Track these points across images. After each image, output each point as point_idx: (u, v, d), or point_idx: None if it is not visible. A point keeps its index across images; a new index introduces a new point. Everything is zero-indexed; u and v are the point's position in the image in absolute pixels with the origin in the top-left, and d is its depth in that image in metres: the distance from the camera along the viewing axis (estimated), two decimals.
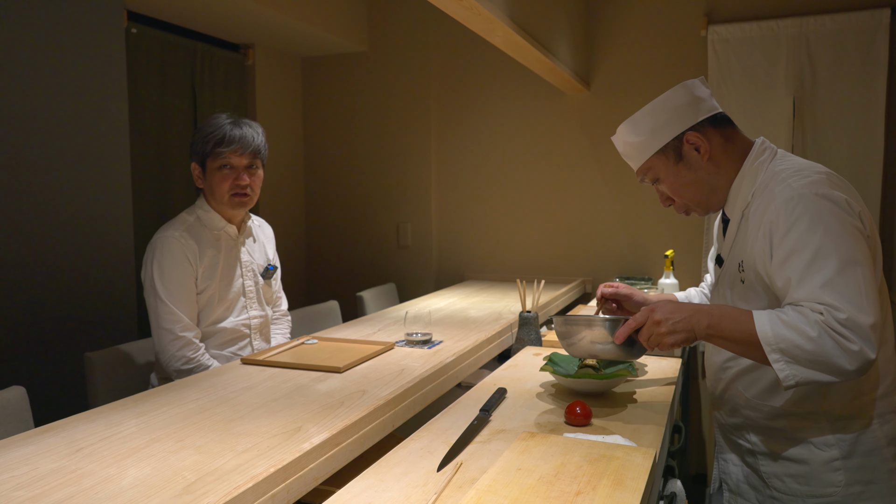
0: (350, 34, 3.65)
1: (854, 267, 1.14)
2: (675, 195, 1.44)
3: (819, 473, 1.29)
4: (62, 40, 2.23)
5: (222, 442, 1.21)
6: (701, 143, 1.36)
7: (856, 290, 1.13)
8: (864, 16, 2.87)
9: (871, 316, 1.11)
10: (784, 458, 1.33)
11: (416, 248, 3.81)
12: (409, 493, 1.06)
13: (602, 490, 1.01)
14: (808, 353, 1.13)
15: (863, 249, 1.17)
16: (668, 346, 1.28)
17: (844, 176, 3.16)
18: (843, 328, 1.11)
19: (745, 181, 1.35)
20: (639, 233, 3.40)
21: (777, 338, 1.15)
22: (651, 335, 1.29)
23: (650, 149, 1.40)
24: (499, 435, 1.31)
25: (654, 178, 1.44)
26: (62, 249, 2.26)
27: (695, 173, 1.38)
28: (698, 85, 1.39)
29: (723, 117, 1.39)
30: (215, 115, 2.00)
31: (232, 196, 1.98)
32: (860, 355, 1.11)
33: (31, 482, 1.05)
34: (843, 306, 1.12)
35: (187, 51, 3.16)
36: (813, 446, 1.30)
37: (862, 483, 1.27)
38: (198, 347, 1.93)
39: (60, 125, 2.24)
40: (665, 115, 1.37)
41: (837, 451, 1.28)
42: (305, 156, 4.04)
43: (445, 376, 1.77)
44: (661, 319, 1.27)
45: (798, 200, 1.21)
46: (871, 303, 1.12)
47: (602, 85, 3.42)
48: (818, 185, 1.22)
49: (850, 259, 1.15)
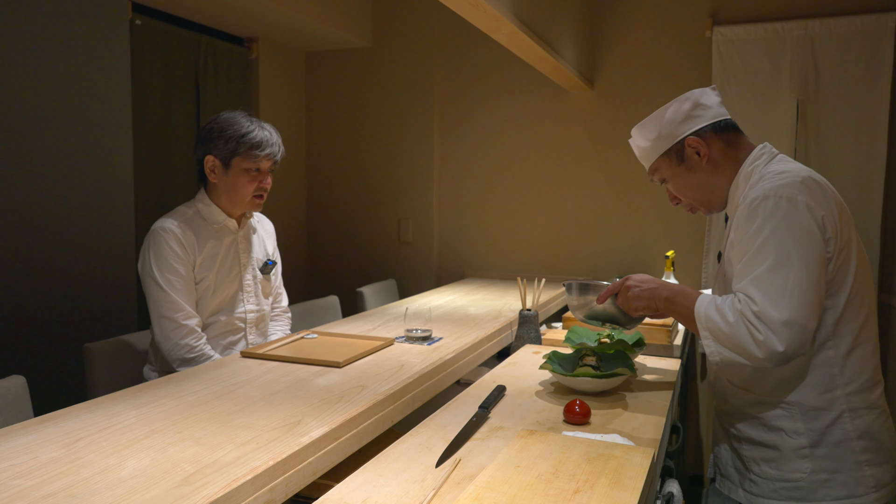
0: (354, 29, 3.65)
1: (786, 268, 1.25)
2: (679, 195, 1.56)
3: (788, 459, 1.37)
4: (66, 32, 2.23)
5: (221, 434, 1.21)
6: (701, 146, 1.46)
7: (779, 289, 1.24)
8: (869, 19, 2.87)
9: (786, 313, 1.22)
10: (760, 443, 1.42)
11: (417, 245, 3.81)
12: (408, 489, 1.06)
13: (600, 489, 1.02)
14: (725, 336, 1.29)
15: (806, 254, 1.26)
16: (635, 311, 1.50)
17: (847, 179, 3.16)
18: (755, 318, 1.24)
19: (741, 183, 1.45)
20: (640, 233, 3.40)
21: (706, 318, 1.32)
22: (623, 299, 1.51)
23: (656, 151, 1.52)
24: (497, 432, 1.31)
25: (661, 178, 1.56)
26: (64, 240, 2.26)
27: (695, 175, 1.49)
28: (707, 93, 1.50)
29: (727, 124, 1.48)
30: (233, 112, 2.00)
31: (254, 197, 2.01)
32: (766, 345, 1.23)
33: (31, 471, 1.05)
34: (760, 300, 1.24)
35: (191, 43, 3.16)
36: (784, 433, 1.38)
37: (828, 471, 1.34)
38: (200, 336, 1.93)
39: (64, 116, 2.24)
40: (669, 121, 1.49)
41: (806, 439, 1.36)
42: (308, 150, 4.04)
43: (445, 373, 1.77)
44: (631, 285, 1.50)
45: (761, 200, 1.31)
46: (791, 301, 1.23)
47: (606, 84, 3.42)
48: (787, 187, 1.31)
49: (784, 260, 1.25)
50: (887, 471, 1.36)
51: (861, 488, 1.34)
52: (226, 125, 1.96)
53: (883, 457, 1.36)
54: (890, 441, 1.38)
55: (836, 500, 1.34)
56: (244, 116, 1.99)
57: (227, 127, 1.95)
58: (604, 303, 1.57)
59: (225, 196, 2.01)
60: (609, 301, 1.57)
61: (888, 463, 1.37)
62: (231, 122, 1.96)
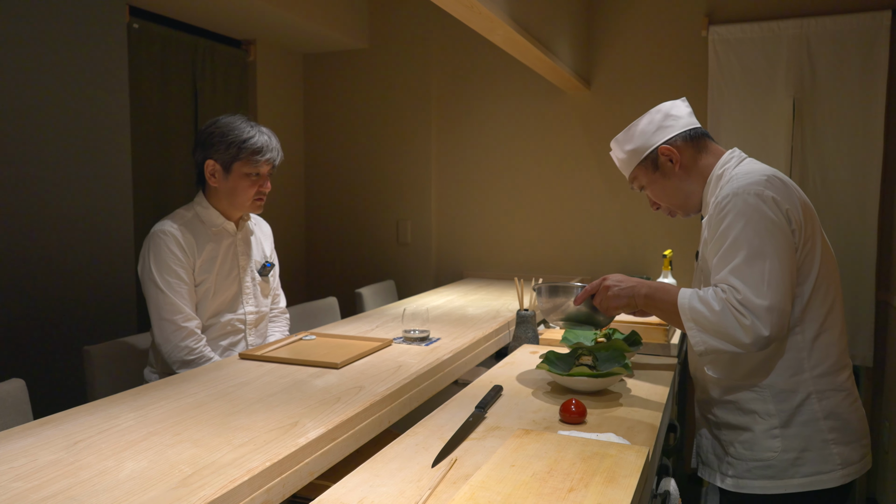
0: (351, 31, 3.65)
1: (761, 258, 1.33)
2: (658, 200, 1.65)
3: (760, 440, 1.45)
4: (64, 36, 2.24)
5: (219, 436, 1.22)
6: (673, 154, 1.55)
7: (758, 278, 1.32)
8: (865, 17, 2.88)
9: (767, 299, 1.31)
10: (735, 426, 1.49)
11: (415, 246, 3.82)
12: (404, 489, 1.07)
13: (594, 487, 1.02)
14: (712, 324, 1.35)
15: (777, 243, 1.35)
16: (614, 310, 1.56)
17: (843, 177, 3.18)
18: (740, 305, 1.32)
19: (712, 185, 1.53)
20: (637, 232, 3.41)
21: (691, 310, 1.38)
22: (602, 299, 1.55)
23: (633, 161, 1.61)
24: (494, 432, 1.32)
25: (640, 186, 1.65)
26: (63, 243, 2.27)
27: (670, 181, 1.58)
28: (678, 105, 1.60)
29: (697, 132, 1.58)
30: (232, 116, 2.00)
31: (254, 200, 2.03)
32: (752, 330, 1.30)
33: (29, 474, 1.06)
34: (742, 289, 1.32)
35: (189, 46, 3.17)
36: (757, 415, 1.45)
37: (797, 450, 1.42)
38: (200, 338, 1.94)
39: (62, 120, 2.25)
40: (642, 132, 1.59)
41: (777, 420, 1.43)
42: (306, 152, 4.05)
43: (442, 373, 1.78)
44: (610, 285, 1.55)
45: (732, 197, 1.39)
46: (770, 289, 1.31)
47: (602, 84, 3.43)
48: (754, 185, 1.39)
49: (759, 251, 1.34)
50: (855, 449, 1.44)
51: (828, 465, 1.41)
52: (226, 130, 1.97)
53: (850, 436, 1.43)
54: (858, 422, 1.45)
55: (805, 477, 1.42)
56: (244, 121, 2.00)
57: (228, 132, 1.96)
58: (580, 304, 1.61)
59: (225, 200, 2.02)
60: (585, 302, 1.61)
61: (856, 442, 1.44)
62: (231, 128, 1.97)
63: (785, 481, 1.42)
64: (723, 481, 1.51)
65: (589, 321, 1.65)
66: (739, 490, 1.47)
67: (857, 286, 2.93)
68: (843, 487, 1.43)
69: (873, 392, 3.04)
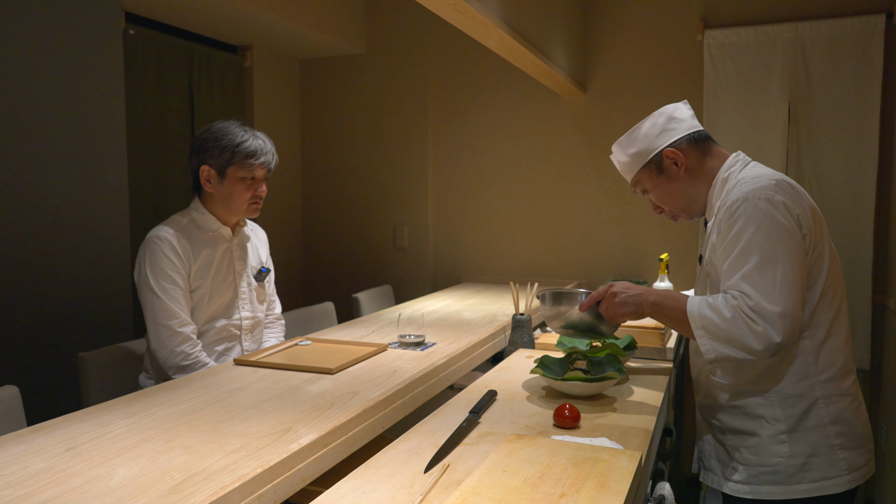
0: (348, 36, 3.66)
1: (773, 263, 1.32)
2: (661, 203, 1.63)
3: (767, 445, 1.44)
4: (60, 41, 2.25)
5: (212, 442, 1.22)
6: (678, 157, 1.54)
7: (770, 283, 1.31)
8: (859, 21, 2.89)
9: (779, 306, 1.30)
10: (741, 431, 1.48)
11: (412, 250, 3.82)
12: (396, 494, 1.07)
13: (586, 492, 1.02)
14: (723, 331, 1.33)
15: (789, 249, 1.34)
16: (621, 317, 1.52)
17: (839, 180, 3.18)
18: (752, 312, 1.31)
19: (718, 189, 1.52)
20: (634, 236, 3.41)
21: (701, 317, 1.37)
22: (608, 306, 1.52)
23: (637, 165, 1.59)
24: (487, 437, 1.32)
25: (643, 190, 1.63)
26: (58, 249, 2.27)
27: (675, 184, 1.56)
28: (680, 107, 1.59)
29: (701, 135, 1.56)
30: (226, 122, 2.01)
31: (250, 204, 2.04)
32: (765, 336, 1.29)
33: (21, 481, 1.06)
34: (754, 295, 1.31)
35: (185, 52, 3.17)
36: (764, 420, 1.45)
37: (804, 456, 1.41)
38: (196, 343, 1.94)
39: (58, 126, 2.25)
40: (646, 135, 1.57)
41: (784, 425, 1.43)
42: (303, 157, 4.05)
43: (437, 378, 1.78)
44: (617, 292, 1.52)
45: (742, 202, 1.38)
46: (782, 295, 1.30)
47: (598, 89, 3.43)
48: (764, 189, 1.38)
49: (770, 257, 1.33)
50: (860, 455, 1.44)
51: (834, 470, 1.41)
52: (220, 135, 1.98)
53: (855, 441, 1.43)
54: (862, 427, 1.46)
55: (811, 483, 1.41)
56: (238, 126, 2.01)
57: (222, 137, 1.97)
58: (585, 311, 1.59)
59: (221, 205, 2.03)
60: (590, 309, 1.58)
61: (861, 447, 1.44)
62: (225, 132, 1.98)
63: (792, 487, 1.41)
64: (727, 486, 1.50)
65: (592, 330, 1.63)
66: (744, 496, 1.46)
67: (853, 289, 2.93)
68: (848, 493, 1.42)
69: (870, 395, 3.04)
